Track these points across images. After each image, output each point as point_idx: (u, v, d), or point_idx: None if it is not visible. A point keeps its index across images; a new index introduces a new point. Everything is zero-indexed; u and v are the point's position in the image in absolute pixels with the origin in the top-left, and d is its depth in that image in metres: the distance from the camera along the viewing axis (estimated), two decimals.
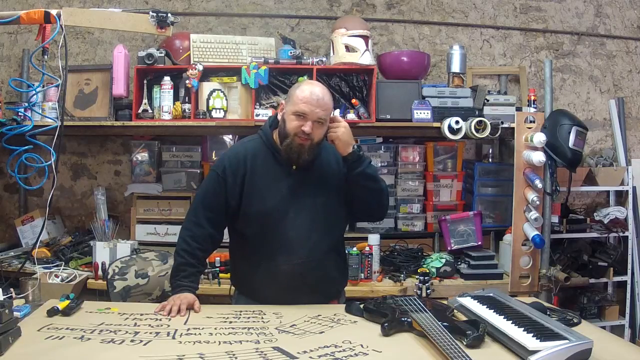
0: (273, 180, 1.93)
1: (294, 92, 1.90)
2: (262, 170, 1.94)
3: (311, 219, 1.94)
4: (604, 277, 3.29)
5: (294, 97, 1.89)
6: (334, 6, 3.53)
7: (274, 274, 1.93)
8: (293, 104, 1.88)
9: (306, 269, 1.93)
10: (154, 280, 2.41)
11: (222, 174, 1.93)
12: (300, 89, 1.90)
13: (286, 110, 1.91)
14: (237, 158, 1.95)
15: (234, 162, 1.94)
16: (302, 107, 1.86)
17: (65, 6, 2.73)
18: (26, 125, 2.45)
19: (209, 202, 1.96)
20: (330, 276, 2.04)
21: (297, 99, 1.87)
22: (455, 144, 3.24)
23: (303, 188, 1.94)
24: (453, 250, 3.01)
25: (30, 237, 3.12)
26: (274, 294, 1.94)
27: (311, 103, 1.86)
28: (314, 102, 1.86)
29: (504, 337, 1.51)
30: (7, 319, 1.46)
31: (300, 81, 2.01)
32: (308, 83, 1.97)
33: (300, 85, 1.94)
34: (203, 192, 1.99)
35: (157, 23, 2.36)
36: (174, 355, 1.41)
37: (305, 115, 1.86)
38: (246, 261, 2.00)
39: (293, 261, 1.92)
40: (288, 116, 1.89)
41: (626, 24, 3.69)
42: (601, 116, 3.70)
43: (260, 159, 1.95)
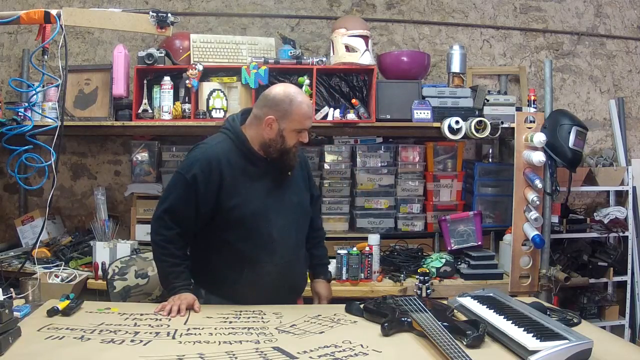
0: (251, 183, 1.91)
1: (291, 109, 1.86)
2: (239, 174, 1.90)
3: (291, 219, 1.97)
4: (604, 277, 3.29)
5: (294, 115, 1.86)
6: (334, 6, 3.53)
7: (258, 275, 1.92)
8: (294, 122, 1.87)
9: (288, 268, 1.96)
10: (154, 280, 2.40)
11: (193, 180, 1.86)
12: (296, 105, 1.87)
13: (284, 127, 1.87)
14: (210, 163, 1.87)
15: (206, 169, 1.87)
16: (306, 123, 1.90)
17: (65, 6, 2.73)
18: (26, 125, 2.45)
19: (178, 207, 1.88)
20: (304, 272, 2.14)
21: (298, 117, 1.87)
22: (455, 144, 3.24)
23: (279, 188, 1.96)
24: (453, 250, 3.01)
25: (30, 237, 3.12)
26: (256, 295, 1.93)
27: (310, 117, 1.93)
28: (310, 115, 1.93)
29: (504, 337, 1.51)
30: (7, 319, 1.47)
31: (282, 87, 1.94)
32: (297, 94, 1.90)
33: (293, 99, 1.87)
34: (172, 198, 1.90)
35: (157, 23, 2.36)
36: (174, 355, 1.42)
37: (305, 129, 1.91)
38: (226, 265, 1.94)
39: (276, 262, 1.93)
40: (288, 133, 1.88)
41: (626, 24, 3.69)
42: (601, 116, 3.70)
43: (234, 162, 1.90)
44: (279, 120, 1.87)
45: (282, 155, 1.91)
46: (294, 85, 1.99)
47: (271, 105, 1.89)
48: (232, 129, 1.96)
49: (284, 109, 1.87)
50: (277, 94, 1.90)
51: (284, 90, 1.92)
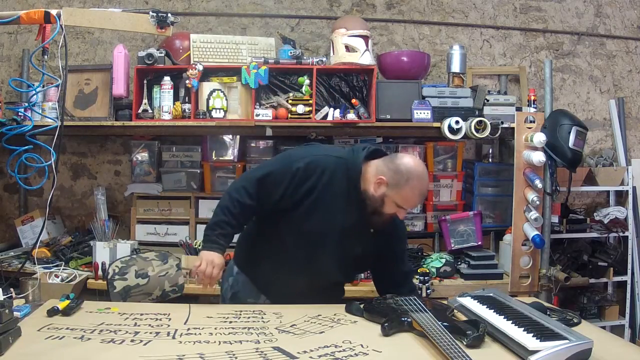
0: (337, 211, 1.91)
1: (404, 186, 1.84)
2: (332, 196, 1.89)
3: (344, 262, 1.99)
4: (604, 277, 3.29)
5: (404, 192, 1.85)
6: (334, 6, 3.53)
7: (289, 285, 1.99)
8: (400, 198, 1.86)
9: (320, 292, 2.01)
10: (154, 280, 2.41)
11: (295, 171, 1.88)
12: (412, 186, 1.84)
13: (389, 194, 1.86)
14: (317, 167, 1.89)
15: (311, 167, 1.89)
16: (411, 205, 1.93)
17: (65, 6, 2.73)
18: (26, 125, 2.45)
19: (267, 182, 1.91)
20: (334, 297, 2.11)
21: (407, 197, 1.86)
22: (455, 144, 3.24)
23: (355, 232, 1.94)
24: (453, 250, 3.01)
25: (30, 237, 3.12)
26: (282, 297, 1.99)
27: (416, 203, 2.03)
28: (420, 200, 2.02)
29: (504, 337, 1.51)
30: (7, 319, 1.46)
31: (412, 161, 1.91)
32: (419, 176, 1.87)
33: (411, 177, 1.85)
34: (270, 171, 1.94)
35: (157, 23, 2.36)
36: (174, 355, 1.41)
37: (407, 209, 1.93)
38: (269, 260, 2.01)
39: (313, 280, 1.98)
40: (390, 202, 1.87)
41: (626, 24, 3.69)
42: (601, 116, 3.70)
43: (336, 184, 1.90)
44: (388, 187, 1.86)
45: (374, 214, 1.91)
46: (423, 166, 1.94)
47: (391, 169, 1.88)
48: (355, 157, 1.93)
49: (398, 180, 1.85)
50: (402, 164, 1.88)
51: (411, 165, 1.88)
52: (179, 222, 3.17)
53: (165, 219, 3.16)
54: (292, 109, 2.92)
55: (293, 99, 2.95)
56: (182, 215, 3.17)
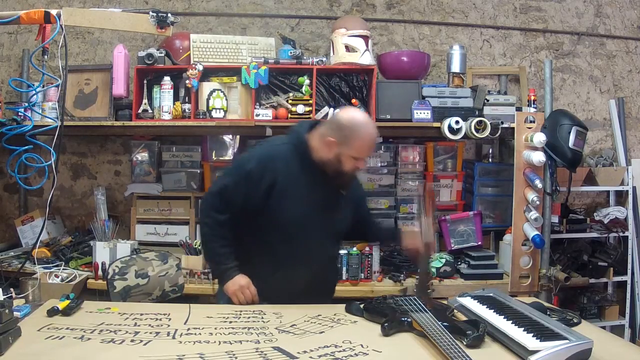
0: (303, 190, 1.93)
1: (353, 137, 1.87)
2: (293, 179, 1.92)
3: (331, 231, 2.02)
4: (604, 277, 3.29)
5: (354, 144, 1.87)
6: (334, 6, 3.53)
7: (289, 278, 1.97)
8: (353, 150, 1.88)
9: (319, 276, 2.01)
10: (154, 280, 2.41)
11: (247, 174, 1.91)
12: (359, 135, 1.87)
13: (342, 152, 1.88)
14: (266, 162, 1.92)
15: (261, 166, 1.91)
16: (365, 154, 1.93)
17: (65, 6, 2.73)
18: (26, 125, 2.45)
19: (229, 192, 1.93)
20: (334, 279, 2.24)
21: (359, 147, 1.88)
22: (455, 144, 3.24)
23: (328, 202, 1.98)
24: (453, 250, 3.01)
25: (30, 237, 3.12)
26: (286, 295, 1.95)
27: (372, 148, 1.97)
28: (372, 146, 1.97)
29: (504, 337, 1.51)
30: (7, 319, 1.47)
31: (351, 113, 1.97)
32: (364, 124, 1.90)
33: (356, 128, 1.88)
34: (226, 182, 1.96)
35: (157, 23, 2.36)
36: (174, 355, 1.41)
37: (364, 158, 1.94)
38: (261, 263, 1.98)
39: (308, 269, 1.97)
40: (346, 158, 1.89)
41: (626, 24, 3.69)
42: (601, 116, 3.70)
43: (291, 166, 1.93)
44: (339, 145, 1.88)
45: (337, 176, 1.94)
46: (364, 114, 2.00)
47: (335, 128, 1.91)
48: (297, 134, 1.98)
49: (345, 135, 1.88)
50: (343, 119, 1.92)
51: (352, 116, 1.93)
52: (179, 222, 3.17)
53: (165, 219, 3.16)
54: (292, 109, 2.92)
55: (293, 99, 2.95)
56: (182, 215, 3.17)
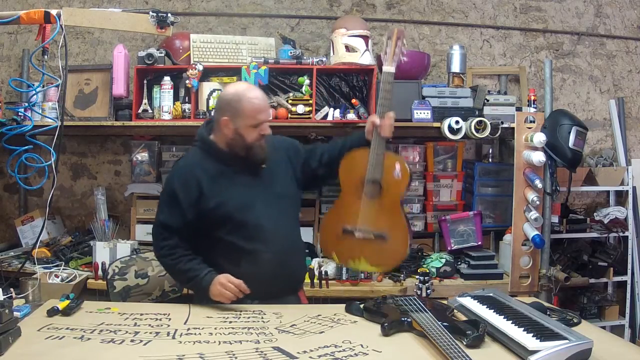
0: (230, 182, 1.96)
1: (242, 107, 1.89)
2: (216, 177, 1.95)
3: (278, 208, 2.00)
4: (604, 277, 3.29)
5: (246, 112, 1.89)
6: (334, 6, 3.53)
7: (255, 266, 1.94)
8: (247, 119, 1.90)
9: (284, 256, 1.98)
10: (154, 280, 2.41)
11: (173, 194, 1.93)
12: (246, 101, 1.90)
13: (238, 125, 1.91)
14: (185, 175, 1.95)
15: (182, 181, 1.94)
16: (261, 117, 1.91)
17: (65, 6, 2.73)
18: (26, 125, 2.46)
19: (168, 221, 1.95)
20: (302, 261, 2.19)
21: (251, 112, 1.89)
22: (455, 144, 3.24)
23: (260, 180, 1.99)
24: (453, 250, 3.01)
25: (30, 237, 3.12)
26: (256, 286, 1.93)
27: (264, 110, 1.93)
28: (265, 107, 1.94)
29: (504, 337, 1.51)
30: (7, 319, 1.47)
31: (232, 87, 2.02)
32: (245, 90, 1.94)
33: (240, 97, 1.91)
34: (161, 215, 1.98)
35: (157, 23, 2.37)
36: (174, 355, 1.42)
37: (261, 122, 1.92)
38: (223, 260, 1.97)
39: (270, 249, 1.95)
40: (244, 130, 1.91)
41: (626, 24, 3.69)
42: (601, 116, 3.70)
43: (208, 168, 1.96)
44: (233, 120, 1.91)
45: (248, 152, 1.94)
46: (245, 82, 2.06)
47: (223, 107, 1.95)
48: (200, 138, 2.03)
49: (234, 107, 1.91)
50: (226, 94, 1.98)
51: (233, 89, 1.99)
52: None
53: None
54: (292, 109, 2.92)
55: (293, 99, 2.95)
56: None
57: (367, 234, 2.01)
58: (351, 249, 2.05)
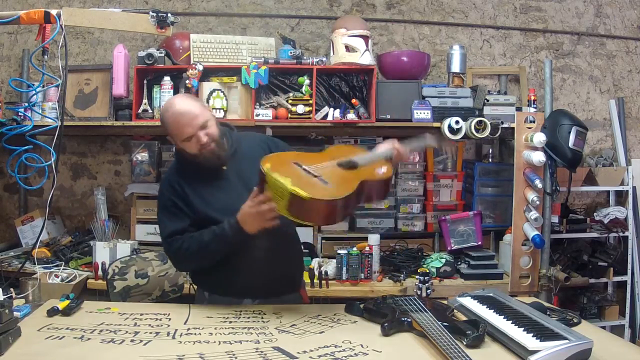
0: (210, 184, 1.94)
1: (168, 125, 1.89)
2: (198, 181, 1.94)
3: None
4: (604, 277, 3.29)
5: (171, 129, 1.88)
6: (334, 6, 3.53)
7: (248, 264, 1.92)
8: (176, 135, 1.88)
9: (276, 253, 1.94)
10: (154, 280, 2.41)
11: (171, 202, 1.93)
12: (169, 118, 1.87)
13: (175, 142, 1.92)
14: (171, 181, 1.95)
15: (170, 187, 1.95)
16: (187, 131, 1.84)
17: (65, 6, 2.73)
18: (26, 125, 2.46)
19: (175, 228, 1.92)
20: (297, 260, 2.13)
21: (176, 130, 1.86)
22: (455, 144, 3.24)
23: (239, 180, 1.96)
24: (453, 250, 3.01)
25: (30, 237, 3.12)
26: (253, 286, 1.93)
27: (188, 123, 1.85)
28: (185, 122, 1.85)
29: (504, 337, 1.51)
30: (7, 319, 1.46)
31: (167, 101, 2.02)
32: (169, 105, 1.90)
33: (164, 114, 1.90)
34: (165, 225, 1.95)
35: (157, 23, 2.37)
36: (174, 355, 1.41)
37: (191, 135, 1.86)
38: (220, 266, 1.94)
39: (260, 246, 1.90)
40: (182, 144, 1.89)
41: (626, 24, 3.69)
42: (601, 116, 3.70)
43: (189, 174, 1.95)
44: (170, 137, 1.93)
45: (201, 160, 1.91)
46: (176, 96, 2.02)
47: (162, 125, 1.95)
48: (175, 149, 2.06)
49: (164, 125, 1.91)
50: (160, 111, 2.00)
51: (164, 106, 1.95)
52: None
53: None
54: (292, 109, 2.92)
55: (293, 99, 2.95)
56: None
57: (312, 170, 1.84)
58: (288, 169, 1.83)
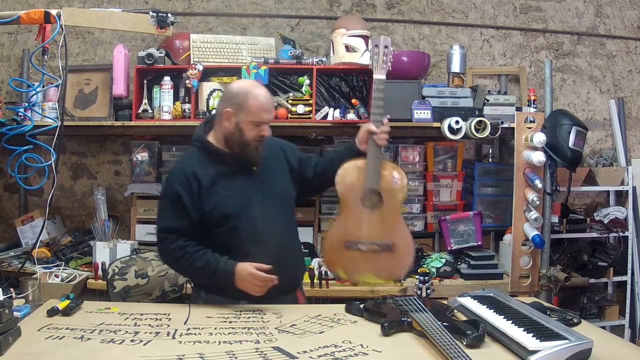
0: (227, 181, 1.95)
1: (247, 102, 1.89)
2: (214, 177, 1.94)
3: (274, 209, 2.00)
4: (604, 277, 3.29)
5: (250, 107, 1.89)
6: (334, 6, 3.53)
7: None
8: (251, 114, 1.90)
9: (280, 256, 1.94)
10: (154, 280, 2.41)
11: (177, 196, 1.91)
12: (253, 97, 1.90)
13: (240, 120, 1.90)
14: (186, 175, 1.92)
15: (184, 182, 1.92)
16: (264, 116, 1.91)
17: (65, 6, 2.73)
18: (26, 125, 2.45)
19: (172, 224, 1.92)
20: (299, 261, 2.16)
21: (255, 109, 1.89)
22: (455, 144, 3.24)
23: (257, 181, 1.98)
24: (453, 250, 3.01)
25: (30, 237, 3.12)
26: None
27: (268, 110, 1.93)
28: (269, 108, 1.94)
29: (504, 337, 1.51)
30: (7, 319, 1.47)
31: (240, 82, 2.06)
32: (253, 87, 1.95)
33: (247, 92, 1.91)
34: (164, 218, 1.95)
35: (157, 23, 2.37)
36: (174, 355, 1.42)
37: (264, 122, 1.92)
38: None
39: (265, 251, 1.92)
40: (245, 125, 1.90)
41: (626, 24, 3.69)
42: (601, 116, 3.70)
43: (207, 167, 1.95)
44: (236, 113, 1.91)
45: (243, 149, 1.94)
46: (254, 81, 2.06)
47: (228, 99, 1.95)
48: (197, 138, 2.02)
49: (240, 101, 1.91)
50: (234, 88, 1.99)
51: (241, 84, 2.03)
52: None
53: None
54: (292, 109, 2.92)
55: (293, 99, 2.95)
56: None
57: (372, 246, 1.99)
58: (357, 263, 2.01)
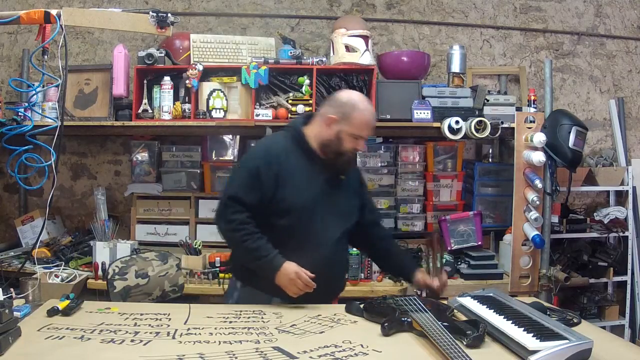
0: (306, 177, 1.96)
1: (353, 114, 1.92)
2: (296, 167, 1.95)
3: (337, 220, 2.01)
4: (604, 277, 3.29)
5: (355, 120, 1.92)
6: (334, 6, 3.53)
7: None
8: (353, 127, 1.92)
9: (327, 267, 1.94)
10: (154, 280, 2.41)
11: (256, 171, 1.91)
12: (359, 111, 1.93)
13: (342, 129, 1.93)
14: (270, 155, 1.94)
15: (266, 158, 1.94)
16: (365, 133, 1.95)
17: (65, 6, 2.73)
18: (26, 125, 2.45)
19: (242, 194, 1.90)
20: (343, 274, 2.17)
21: (359, 123, 1.93)
22: (455, 144, 3.24)
23: (331, 188, 2.00)
24: (453, 250, 3.01)
25: (30, 237, 3.12)
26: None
27: (370, 127, 1.98)
28: (371, 125, 1.98)
29: (504, 337, 1.51)
30: (7, 319, 1.46)
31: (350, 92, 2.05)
32: (361, 101, 1.97)
33: (355, 105, 1.94)
34: (236, 185, 1.94)
35: (157, 23, 2.36)
36: (174, 355, 1.41)
37: (363, 137, 1.95)
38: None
39: (315, 258, 1.91)
40: (345, 136, 1.93)
41: (626, 24, 3.69)
42: (601, 116, 3.70)
43: (292, 156, 1.96)
44: (339, 122, 1.93)
45: (337, 157, 1.97)
46: (362, 95, 2.05)
47: (335, 106, 1.97)
48: (293, 126, 2.05)
49: (346, 111, 1.93)
50: (343, 97, 2.00)
51: (351, 95, 2.02)
52: (179, 222, 3.17)
53: (165, 219, 3.16)
54: (292, 109, 2.92)
55: (293, 99, 2.95)
56: (182, 215, 3.17)
57: None
58: None
